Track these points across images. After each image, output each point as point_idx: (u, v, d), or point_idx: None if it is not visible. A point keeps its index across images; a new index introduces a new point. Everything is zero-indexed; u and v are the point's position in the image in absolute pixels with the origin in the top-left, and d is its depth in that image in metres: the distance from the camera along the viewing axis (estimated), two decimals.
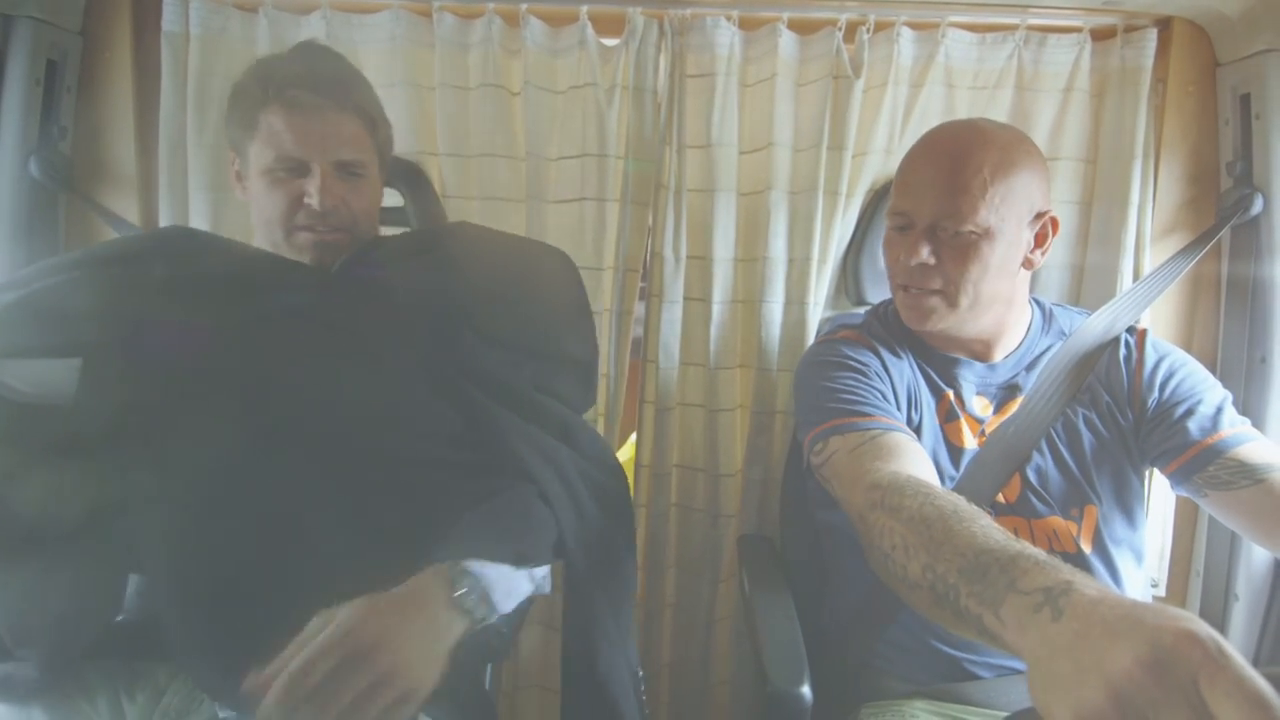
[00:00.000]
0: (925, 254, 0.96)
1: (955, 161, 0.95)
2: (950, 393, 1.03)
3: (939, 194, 0.95)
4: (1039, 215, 0.99)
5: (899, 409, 0.99)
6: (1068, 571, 0.55)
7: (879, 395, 0.98)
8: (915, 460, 0.87)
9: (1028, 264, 1.01)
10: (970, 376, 1.04)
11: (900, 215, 1.00)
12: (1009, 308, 1.03)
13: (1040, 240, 1.01)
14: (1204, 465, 0.95)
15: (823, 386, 1.00)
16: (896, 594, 0.73)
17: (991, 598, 0.58)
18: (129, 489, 0.83)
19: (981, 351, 1.05)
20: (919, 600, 0.68)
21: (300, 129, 0.97)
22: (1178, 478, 0.98)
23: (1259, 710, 0.42)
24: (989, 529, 0.65)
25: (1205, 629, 0.45)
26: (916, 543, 0.68)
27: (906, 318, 1.03)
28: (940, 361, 1.05)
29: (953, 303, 0.98)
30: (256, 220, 1.02)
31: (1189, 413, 0.97)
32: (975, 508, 0.70)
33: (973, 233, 0.95)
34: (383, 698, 0.67)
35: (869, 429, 0.91)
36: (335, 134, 0.99)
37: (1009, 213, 0.95)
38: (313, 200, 0.97)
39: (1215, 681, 0.43)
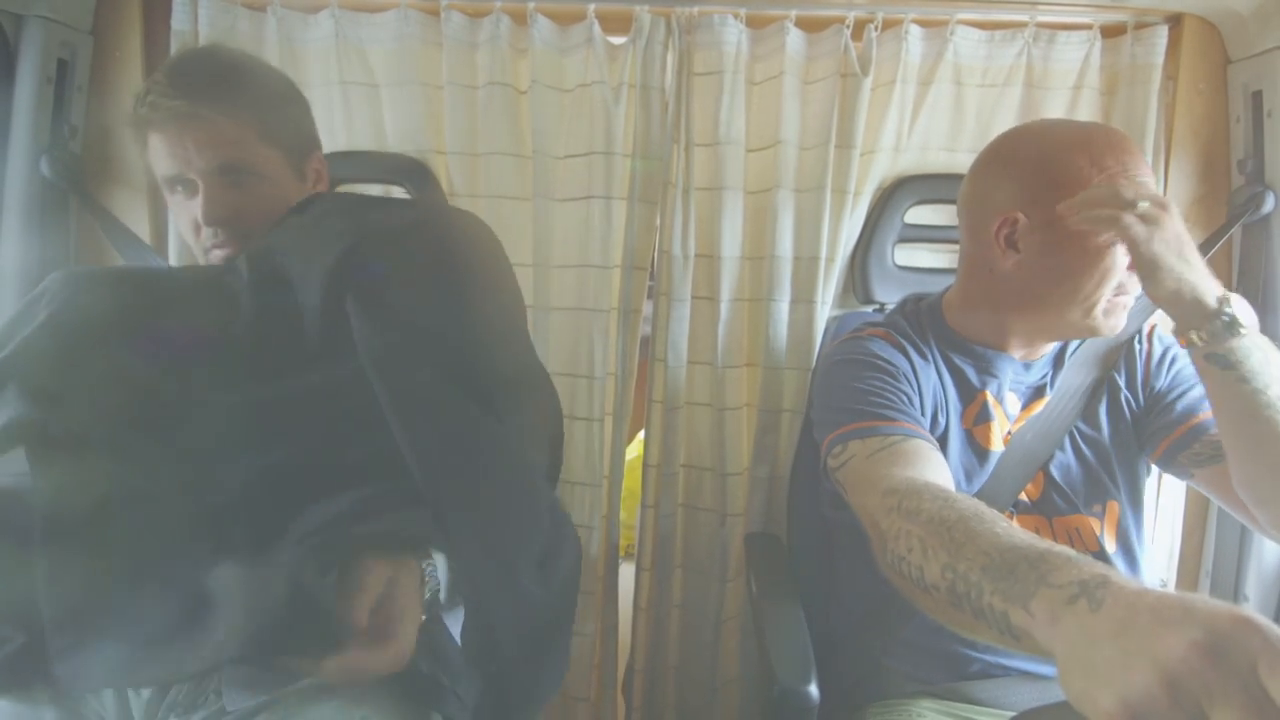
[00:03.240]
0: None
1: (1136, 153, 0.91)
2: (985, 391, 1.01)
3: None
4: None
5: (924, 413, 0.97)
6: (1100, 567, 0.54)
7: (904, 399, 0.95)
8: (934, 467, 0.85)
9: None
10: (1008, 372, 1.01)
11: None
12: None
13: None
14: (1189, 444, 0.97)
15: (849, 387, 0.96)
16: (910, 599, 0.72)
17: (1019, 594, 0.56)
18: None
19: (1029, 348, 1.02)
20: (935, 603, 0.67)
21: (172, 143, 0.89)
22: (1166, 459, 0.99)
23: None
24: (1013, 530, 0.63)
25: (1260, 617, 0.44)
26: (936, 544, 0.67)
27: (1111, 326, 0.94)
28: (977, 357, 1.01)
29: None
30: None
31: (1180, 396, 1.00)
32: (995, 511, 0.68)
33: None
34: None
35: (890, 434, 0.89)
36: (210, 138, 0.89)
37: None
38: (199, 217, 0.90)
39: (1277, 669, 0.42)
